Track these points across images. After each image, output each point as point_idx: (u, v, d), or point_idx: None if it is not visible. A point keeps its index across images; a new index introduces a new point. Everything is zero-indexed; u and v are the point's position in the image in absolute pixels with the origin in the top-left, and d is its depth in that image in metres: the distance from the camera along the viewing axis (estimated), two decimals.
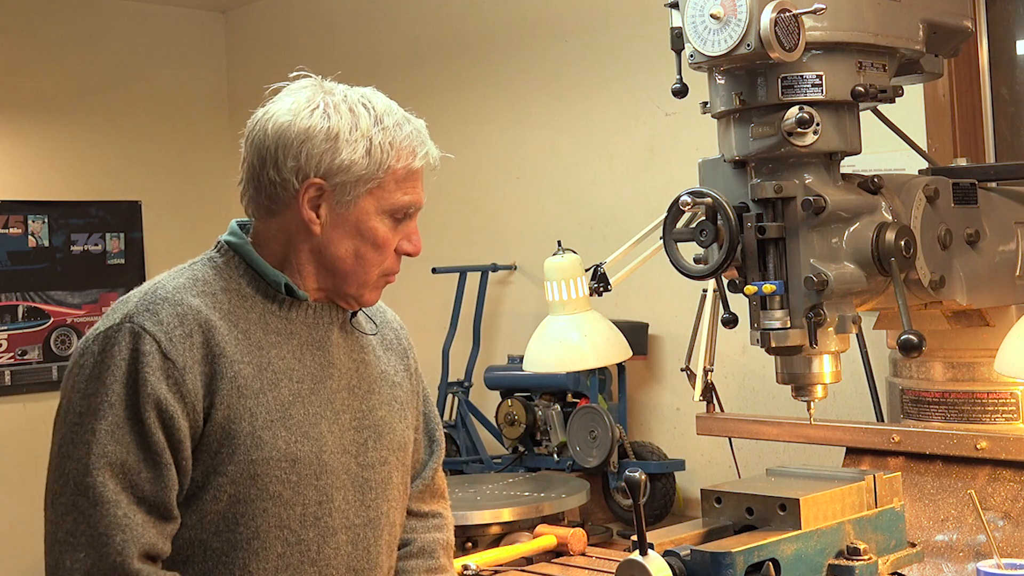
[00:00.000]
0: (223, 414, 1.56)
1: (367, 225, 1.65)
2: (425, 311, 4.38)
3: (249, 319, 1.63)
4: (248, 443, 1.57)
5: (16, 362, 4.80)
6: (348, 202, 1.64)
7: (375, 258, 1.68)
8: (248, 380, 1.59)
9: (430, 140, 1.71)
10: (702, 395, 2.58)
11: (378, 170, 1.63)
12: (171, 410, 1.53)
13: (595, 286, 2.46)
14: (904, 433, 2.27)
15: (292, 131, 1.62)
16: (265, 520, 1.59)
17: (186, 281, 1.63)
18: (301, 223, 1.65)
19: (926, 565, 2.11)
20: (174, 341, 1.55)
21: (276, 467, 1.59)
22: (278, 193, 1.64)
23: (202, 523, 1.58)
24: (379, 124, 1.64)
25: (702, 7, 1.84)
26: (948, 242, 2.07)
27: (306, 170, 1.62)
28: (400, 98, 1.75)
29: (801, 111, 1.87)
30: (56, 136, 4.97)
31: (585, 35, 3.83)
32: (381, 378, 1.78)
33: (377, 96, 1.70)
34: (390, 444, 1.74)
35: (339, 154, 1.61)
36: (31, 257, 4.86)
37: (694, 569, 1.70)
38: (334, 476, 1.65)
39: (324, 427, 1.65)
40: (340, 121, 1.63)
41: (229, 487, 1.57)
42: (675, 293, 3.41)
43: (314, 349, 1.68)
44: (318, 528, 1.63)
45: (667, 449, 3.30)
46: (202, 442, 1.57)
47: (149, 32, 5.19)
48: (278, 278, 1.66)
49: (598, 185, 3.80)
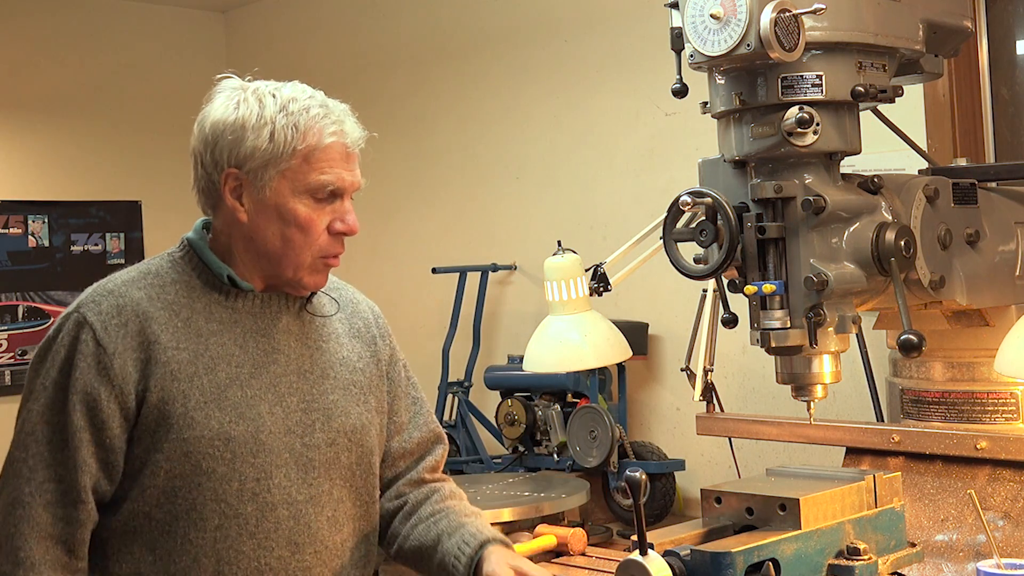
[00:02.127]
0: (157, 396, 1.69)
1: (287, 207, 1.74)
2: (425, 311, 4.39)
3: (194, 308, 1.75)
4: (181, 423, 1.69)
5: (16, 362, 4.80)
6: (263, 186, 1.73)
7: (303, 239, 1.75)
8: (182, 365, 1.71)
9: (349, 121, 1.78)
10: (702, 395, 2.58)
11: (283, 152, 1.72)
12: (96, 393, 1.66)
13: (595, 286, 2.46)
14: (904, 433, 2.27)
15: (208, 128, 1.76)
16: (200, 493, 1.70)
17: (136, 275, 1.78)
18: (231, 213, 1.76)
19: (926, 565, 2.11)
20: (108, 330, 1.69)
21: (209, 445, 1.70)
22: (209, 188, 1.78)
23: (143, 496, 1.70)
24: (283, 110, 1.73)
25: (702, 7, 1.84)
26: (948, 242, 2.07)
27: (222, 162, 1.75)
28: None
29: (801, 111, 1.87)
30: (56, 136, 4.98)
31: (585, 35, 3.83)
32: (340, 364, 1.86)
33: (292, 87, 1.78)
34: (341, 426, 1.82)
35: (245, 142, 1.72)
36: (31, 257, 4.87)
37: (694, 569, 1.70)
38: (274, 455, 1.74)
39: (264, 408, 1.75)
40: (247, 111, 1.73)
41: (164, 463, 1.69)
42: (675, 293, 3.42)
43: (258, 336, 1.78)
44: (256, 503, 1.72)
45: (667, 449, 3.30)
46: (140, 422, 1.69)
47: (149, 32, 5.20)
48: (221, 270, 1.78)
49: (598, 185, 3.80)
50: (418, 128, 4.39)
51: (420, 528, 1.88)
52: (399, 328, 4.96)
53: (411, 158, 4.38)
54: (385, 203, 4.47)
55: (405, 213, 4.48)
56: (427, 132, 4.38)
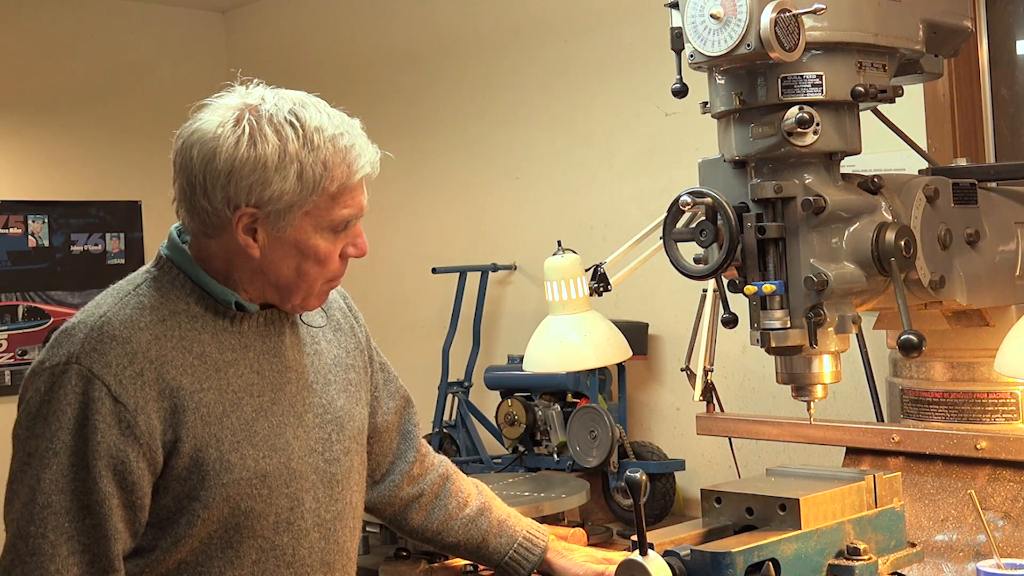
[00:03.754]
0: (190, 445, 1.57)
1: (308, 244, 1.62)
2: (425, 311, 4.39)
3: (203, 341, 1.62)
4: (217, 468, 1.58)
5: (16, 362, 4.80)
6: (284, 226, 1.60)
7: (318, 272, 1.66)
8: (211, 406, 1.59)
9: (368, 145, 1.66)
10: (702, 395, 2.58)
11: (312, 193, 1.59)
12: (123, 455, 1.52)
13: (595, 286, 2.46)
14: (904, 433, 2.27)
15: (219, 161, 1.57)
16: (238, 532, 1.62)
17: (133, 312, 1.59)
18: (238, 247, 1.62)
19: (926, 565, 2.10)
20: (124, 383, 1.53)
21: (247, 485, 1.61)
22: (212, 220, 1.61)
23: (176, 546, 1.59)
24: (308, 145, 1.58)
25: (702, 7, 1.84)
26: (948, 242, 2.07)
27: (236, 200, 1.58)
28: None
29: (801, 111, 1.86)
30: (56, 136, 4.97)
31: (585, 35, 3.82)
32: (335, 364, 1.81)
33: (308, 108, 1.62)
34: (351, 432, 1.79)
35: (270, 184, 1.57)
36: (31, 257, 4.86)
37: (694, 569, 1.70)
38: (303, 479, 1.68)
39: (290, 434, 1.67)
40: (267, 148, 1.56)
41: (202, 511, 1.58)
42: (675, 293, 3.42)
43: (270, 357, 1.69)
44: (291, 532, 1.66)
45: (667, 449, 3.30)
46: (170, 474, 1.57)
47: (149, 32, 5.19)
48: (228, 297, 1.65)
49: (598, 185, 3.80)
50: (418, 128, 4.39)
51: (456, 525, 1.99)
52: (399, 328, 4.96)
53: (411, 158, 4.38)
54: (385, 203, 4.47)
55: (405, 213, 4.48)
56: (427, 132, 4.37)
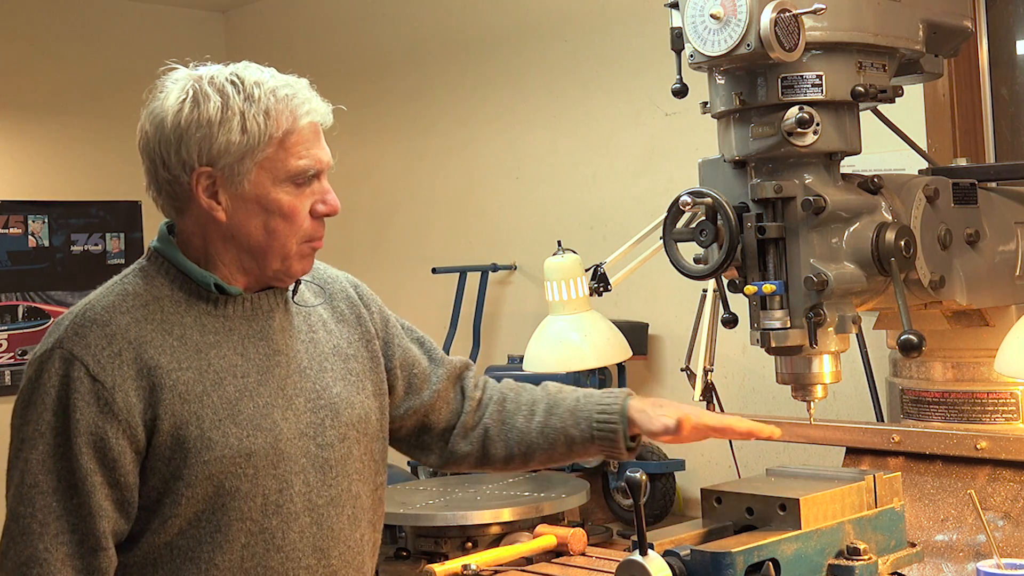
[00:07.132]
0: (169, 423, 1.60)
1: (269, 198, 1.66)
2: (425, 311, 4.39)
3: (184, 324, 1.66)
4: (199, 446, 1.60)
5: (16, 362, 4.80)
6: (240, 180, 1.65)
7: (287, 228, 1.68)
8: (189, 385, 1.62)
9: (316, 97, 1.71)
10: (702, 395, 2.58)
11: (259, 142, 1.64)
12: (101, 432, 1.57)
13: (595, 286, 2.46)
14: (904, 433, 2.27)
15: (168, 127, 1.65)
16: (225, 514, 1.63)
17: (116, 299, 1.65)
18: (206, 213, 1.67)
19: (926, 565, 2.10)
20: (102, 363, 1.58)
21: (231, 464, 1.62)
22: (176, 191, 1.68)
23: (164, 527, 1.62)
24: (250, 99, 1.64)
25: (702, 7, 1.84)
26: (948, 242, 2.07)
27: (191, 162, 1.64)
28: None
29: (801, 111, 1.87)
30: (56, 136, 4.97)
31: (585, 35, 3.83)
32: (333, 353, 1.80)
33: (249, 69, 1.69)
34: (348, 419, 1.77)
35: (216, 138, 1.63)
36: (31, 257, 4.87)
37: (694, 569, 1.70)
38: (292, 462, 1.68)
39: (277, 415, 1.68)
40: (209, 106, 1.63)
41: (186, 490, 1.60)
42: (675, 293, 3.41)
43: (256, 340, 1.71)
44: (280, 515, 1.67)
45: (667, 449, 3.30)
46: (153, 453, 1.60)
47: (149, 32, 5.19)
48: (206, 279, 1.69)
49: (598, 185, 3.80)
50: (418, 128, 4.39)
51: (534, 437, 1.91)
52: None
53: (411, 158, 4.38)
54: (385, 203, 4.47)
55: (405, 213, 4.48)
56: (427, 132, 4.37)
